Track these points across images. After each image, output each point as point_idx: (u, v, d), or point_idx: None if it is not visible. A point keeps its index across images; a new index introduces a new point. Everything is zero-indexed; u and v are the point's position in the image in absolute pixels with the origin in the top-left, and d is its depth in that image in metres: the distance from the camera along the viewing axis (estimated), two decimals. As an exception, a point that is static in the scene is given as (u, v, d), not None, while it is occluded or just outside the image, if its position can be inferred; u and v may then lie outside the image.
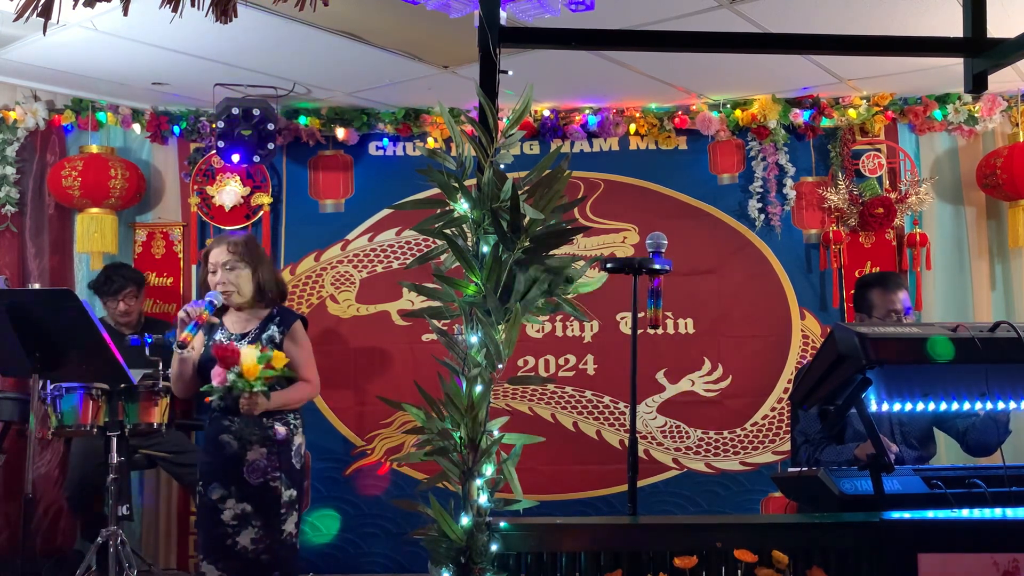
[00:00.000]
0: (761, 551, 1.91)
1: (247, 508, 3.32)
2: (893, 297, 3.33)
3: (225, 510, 3.33)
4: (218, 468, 3.38)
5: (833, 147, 4.85)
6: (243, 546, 3.31)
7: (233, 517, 3.32)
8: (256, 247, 3.61)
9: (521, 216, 1.88)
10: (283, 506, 3.36)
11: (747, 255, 4.90)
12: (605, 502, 4.73)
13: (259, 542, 3.33)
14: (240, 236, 3.64)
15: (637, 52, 4.03)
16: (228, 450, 3.37)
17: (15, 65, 4.37)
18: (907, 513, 2.17)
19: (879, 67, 4.34)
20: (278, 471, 3.36)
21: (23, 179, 4.86)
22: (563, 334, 4.92)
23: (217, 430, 3.40)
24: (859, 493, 2.32)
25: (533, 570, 1.94)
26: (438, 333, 1.98)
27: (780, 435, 4.77)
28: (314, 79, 4.58)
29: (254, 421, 3.37)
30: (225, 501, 3.34)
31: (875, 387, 2.31)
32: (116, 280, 4.57)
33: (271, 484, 3.34)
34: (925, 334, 2.18)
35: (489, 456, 1.90)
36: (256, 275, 3.49)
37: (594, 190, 4.94)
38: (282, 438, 3.39)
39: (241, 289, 3.47)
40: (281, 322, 3.50)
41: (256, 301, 3.51)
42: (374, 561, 4.79)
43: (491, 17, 2.07)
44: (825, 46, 3.10)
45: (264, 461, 3.35)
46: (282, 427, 3.40)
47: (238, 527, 3.32)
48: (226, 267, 3.46)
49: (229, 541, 3.32)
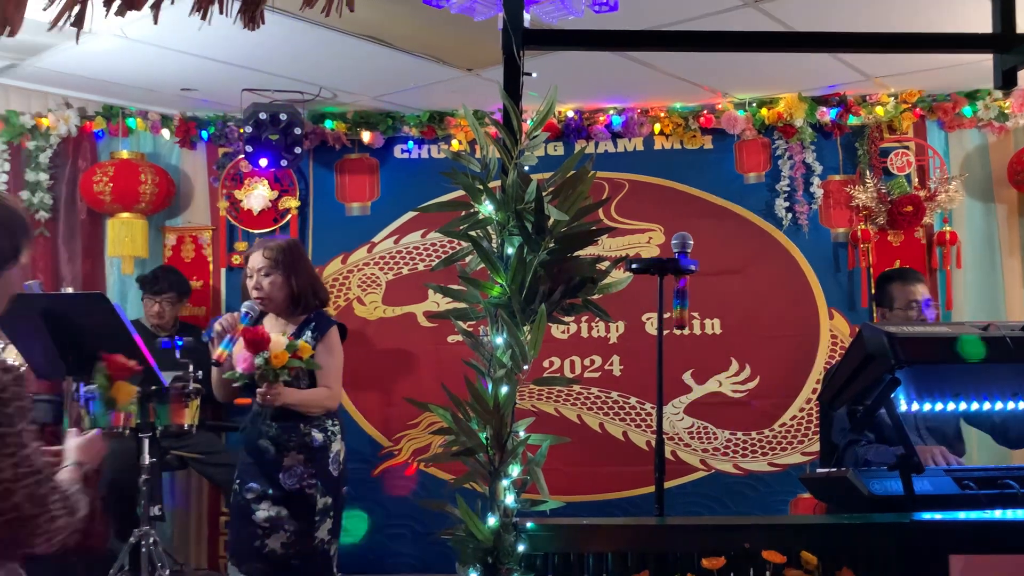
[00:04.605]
0: (790, 552, 1.90)
1: (282, 512, 3.28)
2: (912, 289, 3.32)
3: (258, 511, 3.29)
4: (256, 469, 3.35)
5: (861, 145, 4.80)
6: (272, 549, 3.27)
7: (266, 519, 3.28)
8: (293, 253, 3.49)
9: (546, 217, 1.88)
10: (317, 513, 3.29)
11: (774, 255, 4.87)
12: (631, 503, 4.72)
13: (289, 547, 3.27)
14: (277, 241, 3.53)
15: (661, 52, 4.02)
16: (266, 455, 3.34)
17: (48, 73, 4.45)
18: (938, 514, 2.15)
19: (907, 64, 4.30)
20: (314, 478, 3.30)
21: (56, 185, 4.94)
22: (588, 335, 4.92)
23: (255, 435, 3.38)
24: (889, 494, 2.30)
25: (560, 570, 1.94)
26: (464, 334, 1.99)
27: (809, 436, 4.73)
28: (340, 83, 4.62)
29: (291, 427, 3.33)
30: (260, 502, 3.30)
31: (904, 387, 2.29)
32: (161, 282, 4.64)
33: (307, 491, 3.29)
34: (955, 333, 2.16)
35: (515, 457, 1.90)
36: (291, 281, 3.39)
37: (619, 190, 4.93)
38: (319, 444, 3.33)
39: (274, 295, 3.39)
40: (317, 327, 3.43)
41: (292, 307, 3.42)
42: (402, 561, 4.81)
43: (515, 20, 2.08)
44: (852, 44, 3.08)
45: (301, 467, 3.30)
46: (319, 433, 3.34)
47: (269, 530, 3.27)
48: (261, 273, 3.39)
49: (258, 543, 3.28)
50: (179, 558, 4.69)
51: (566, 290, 1.93)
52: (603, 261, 1.99)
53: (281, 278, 3.39)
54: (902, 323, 3.12)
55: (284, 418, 3.32)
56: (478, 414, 1.89)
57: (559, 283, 1.91)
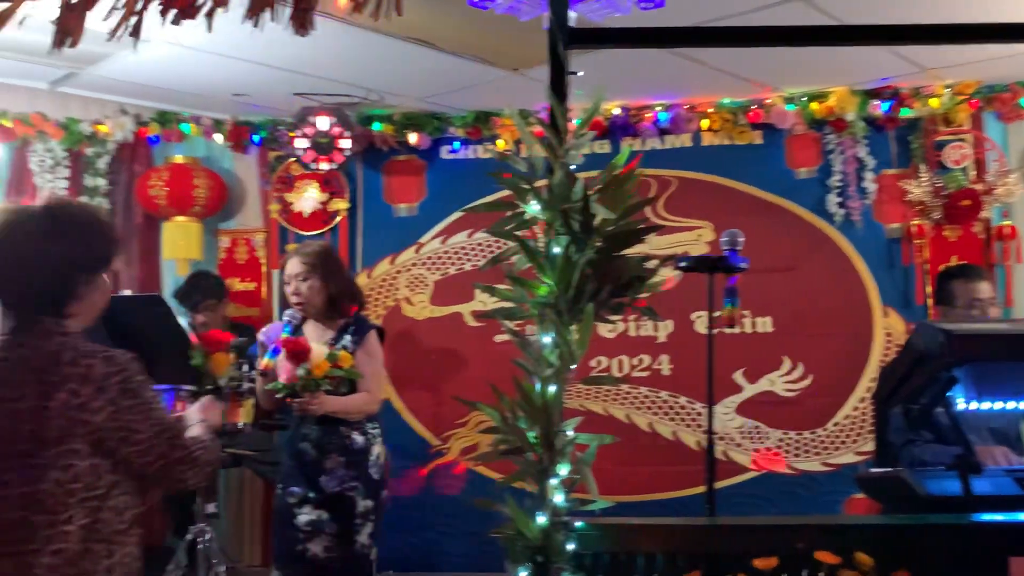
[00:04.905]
0: (844, 553, 1.87)
1: (323, 515, 3.30)
2: (975, 287, 3.23)
3: (300, 515, 3.31)
4: (298, 472, 3.38)
5: (915, 138, 4.70)
6: (314, 553, 3.28)
7: (307, 523, 3.30)
8: (329, 257, 3.54)
9: (592, 216, 1.88)
10: (358, 516, 3.32)
11: (826, 251, 4.79)
12: (681, 504, 4.68)
13: (331, 551, 3.28)
14: (313, 246, 3.58)
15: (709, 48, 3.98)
16: (307, 458, 3.37)
17: (105, 81, 4.58)
18: (998, 515, 2.09)
19: (962, 55, 4.19)
20: (355, 480, 3.32)
21: (113, 190, 5.07)
22: (637, 334, 4.89)
23: (296, 439, 3.42)
24: (946, 494, 2.25)
25: (610, 570, 1.94)
26: (511, 334, 2.00)
27: (863, 435, 4.64)
28: (387, 86, 4.66)
29: (331, 430, 3.35)
30: (302, 506, 3.32)
31: (962, 385, 2.24)
32: (194, 295, 4.67)
33: (348, 494, 3.31)
34: (1014, 330, 2.11)
35: (564, 456, 1.90)
36: (328, 286, 3.43)
37: (667, 188, 4.89)
38: (359, 447, 3.36)
39: (313, 301, 3.43)
40: (356, 331, 3.46)
41: (330, 311, 3.46)
42: (450, 560, 4.84)
43: (560, 19, 2.08)
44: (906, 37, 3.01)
45: (342, 470, 3.32)
46: (360, 436, 3.37)
47: (311, 533, 3.29)
48: (299, 278, 3.43)
49: (300, 547, 3.29)
50: (234, 555, 4.78)
51: (613, 289, 1.92)
52: (651, 259, 1.98)
53: (319, 282, 3.43)
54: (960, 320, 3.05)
55: (325, 421, 3.35)
56: (526, 413, 1.90)
57: (606, 282, 1.91)
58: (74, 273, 1.85)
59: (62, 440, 1.71)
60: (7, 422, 1.71)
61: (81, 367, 1.74)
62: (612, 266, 1.92)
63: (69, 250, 1.84)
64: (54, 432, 1.70)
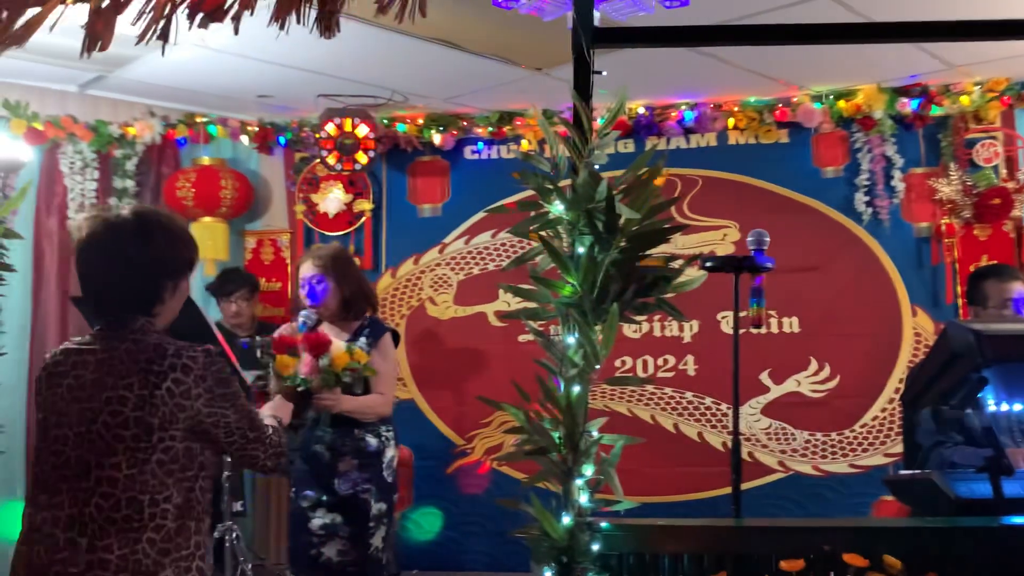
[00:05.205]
0: (872, 555, 1.85)
1: (336, 519, 3.30)
2: (1008, 286, 3.17)
3: (314, 519, 3.31)
4: (311, 476, 3.38)
5: (944, 136, 4.64)
6: (328, 557, 3.27)
7: (321, 527, 3.30)
8: (342, 259, 3.55)
9: (616, 216, 1.87)
10: (372, 519, 3.31)
11: (854, 250, 4.74)
12: (707, 505, 4.65)
13: (345, 554, 3.28)
14: (327, 249, 3.59)
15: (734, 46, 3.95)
16: (321, 460, 3.37)
17: (133, 83, 4.63)
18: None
19: (992, 51, 4.13)
20: (369, 483, 3.31)
21: (141, 192, 5.13)
22: (661, 334, 4.87)
23: (309, 440, 3.41)
24: (976, 497, 2.22)
25: (635, 570, 1.93)
26: (535, 334, 2.00)
27: (891, 437, 4.59)
28: (411, 87, 4.68)
29: (345, 432, 3.35)
30: (315, 509, 3.32)
31: (993, 386, 2.21)
32: (230, 283, 4.74)
33: (361, 496, 3.31)
34: (1047, 331, 2.08)
35: (589, 456, 1.90)
36: (342, 288, 3.44)
37: (692, 187, 4.86)
38: (373, 450, 3.35)
39: (328, 302, 3.44)
40: (371, 333, 3.46)
41: (344, 313, 3.47)
42: (475, 559, 4.85)
43: (584, 18, 2.07)
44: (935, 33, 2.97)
45: (356, 473, 3.32)
46: (373, 439, 3.37)
47: (325, 537, 3.29)
48: (313, 281, 3.45)
49: (314, 551, 3.29)
50: (261, 553, 4.82)
51: (638, 289, 1.91)
52: (676, 259, 1.97)
53: (333, 284, 3.44)
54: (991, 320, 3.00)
55: (339, 424, 3.36)
56: (550, 413, 1.90)
57: (631, 282, 1.90)
58: (163, 277, 2.01)
59: (165, 425, 1.88)
60: (118, 408, 1.87)
61: (184, 359, 1.91)
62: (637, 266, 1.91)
63: (160, 255, 2.00)
64: (159, 418, 1.87)
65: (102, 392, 1.88)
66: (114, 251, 1.96)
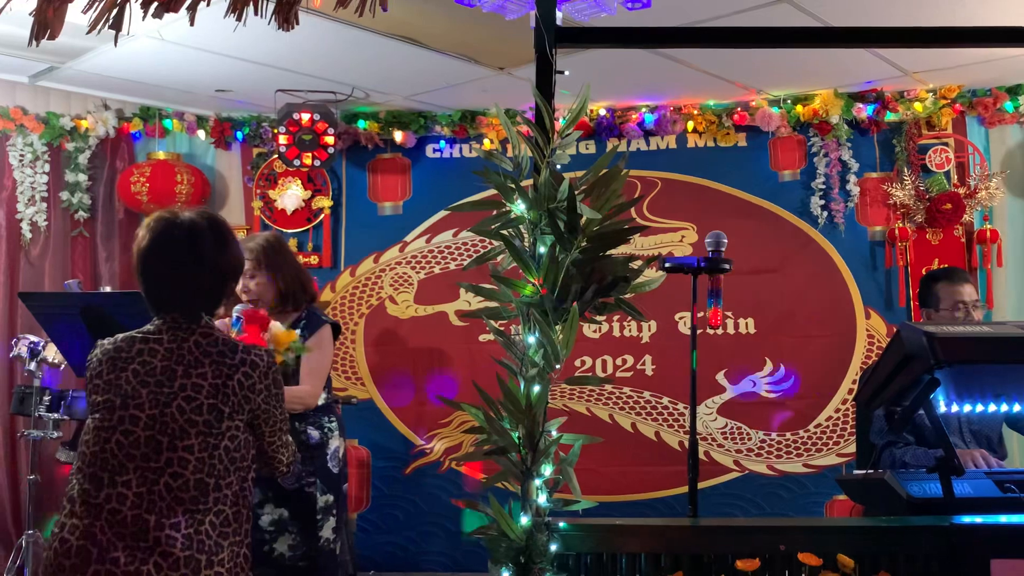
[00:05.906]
0: (826, 555, 1.87)
1: (284, 513, 3.23)
2: (959, 289, 3.23)
3: (263, 515, 3.24)
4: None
5: (898, 142, 4.73)
6: (280, 553, 3.22)
7: (270, 523, 3.23)
8: (275, 249, 3.38)
9: (578, 216, 1.87)
10: (319, 512, 3.26)
11: (810, 253, 4.81)
12: (664, 504, 4.69)
13: (296, 548, 3.23)
14: (257, 239, 3.41)
15: (695, 49, 3.99)
16: None
17: (86, 75, 4.53)
18: (979, 517, 2.10)
19: (946, 59, 4.23)
20: (313, 476, 3.25)
21: (94, 186, 5.03)
22: (621, 334, 4.89)
23: None
24: (928, 496, 2.26)
25: (593, 570, 1.93)
26: (496, 333, 1.99)
27: (845, 437, 4.67)
28: (372, 83, 4.64)
29: None
30: (263, 506, 3.25)
31: (944, 388, 2.25)
32: None
33: (307, 490, 3.25)
34: (996, 333, 2.12)
35: (548, 456, 1.90)
36: (277, 280, 3.31)
37: (652, 189, 4.90)
38: (315, 442, 3.29)
39: (263, 295, 3.31)
40: (308, 326, 3.34)
41: (282, 304, 3.34)
42: (433, 559, 4.83)
43: (547, 18, 2.07)
44: (890, 39, 3.02)
45: (298, 466, 3.21)
46: (315, 431, 3.30)
47: (275, 533, 3.23)
48: (246, 275, 3.27)
49: (266, 548, 3.22)
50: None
51: (598, 289, 1.91)
52: (636, 260, 1.98)
53: (266, 277, 3.31)
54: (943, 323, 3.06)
55: None
56: (510, 413, 1.89)
57: (591, 282, 1.90)
58: (229, 279, 2.17)
59: (233, 415, 2.01)
60: (192, 394, 1.99)
61: (252, 356, 2.06)
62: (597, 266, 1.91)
63: (232, 260, 2.17)
64: (229, 407, 2.01)
65: (174, 379, 1.99)
66: (193, 252, 2.09)
